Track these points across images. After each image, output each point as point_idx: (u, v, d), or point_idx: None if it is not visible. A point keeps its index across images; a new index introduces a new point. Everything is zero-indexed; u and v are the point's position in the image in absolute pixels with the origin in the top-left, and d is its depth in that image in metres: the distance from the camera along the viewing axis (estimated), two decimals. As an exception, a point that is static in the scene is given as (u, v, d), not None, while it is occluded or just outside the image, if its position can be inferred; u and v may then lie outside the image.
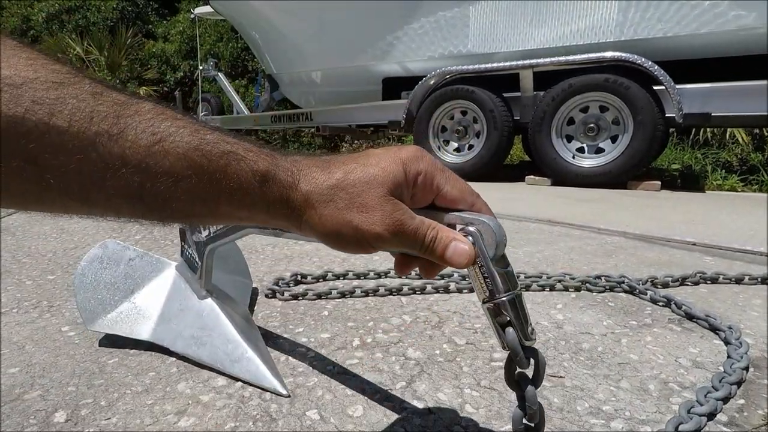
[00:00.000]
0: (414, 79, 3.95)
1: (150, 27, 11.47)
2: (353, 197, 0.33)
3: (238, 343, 0.70)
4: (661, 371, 0.72)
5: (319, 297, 1.02)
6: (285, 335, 0.85)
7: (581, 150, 3.39)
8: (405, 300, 1.02)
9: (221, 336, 0.72)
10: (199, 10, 6.63)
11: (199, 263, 0.76)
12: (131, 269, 0.84)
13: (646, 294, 1.02)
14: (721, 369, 0.70)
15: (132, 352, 0.77)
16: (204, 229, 0.73)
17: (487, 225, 0.36)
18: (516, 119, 3.66)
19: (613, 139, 3.28)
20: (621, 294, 1.07)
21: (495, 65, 3.59)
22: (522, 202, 2.66)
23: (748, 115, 2.98)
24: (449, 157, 3.93)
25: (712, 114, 3.01)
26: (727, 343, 0.78)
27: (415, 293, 1.05)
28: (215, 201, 0.32)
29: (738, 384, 0.66)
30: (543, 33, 3.51)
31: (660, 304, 0.98)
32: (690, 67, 3.10)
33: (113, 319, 0.78)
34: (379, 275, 1.17)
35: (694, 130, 5.17)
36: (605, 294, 1.07)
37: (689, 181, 4.09)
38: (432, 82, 3.85)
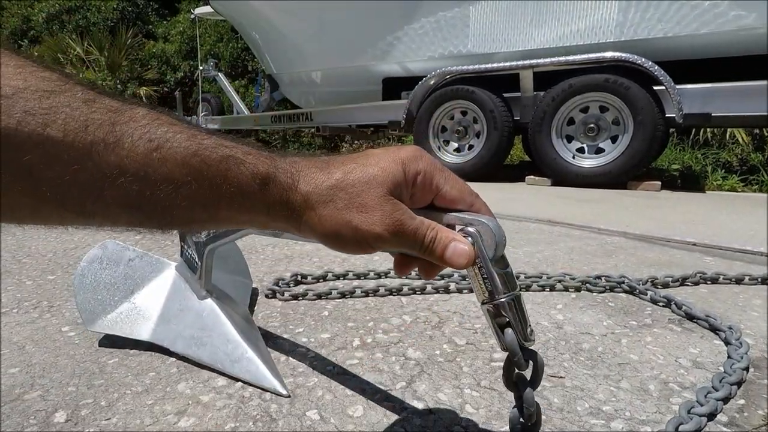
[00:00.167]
0: (414, 79, 3.95)
1: (150, 27, 11.47)
2: (353, 197, 0.33)
3: (238, 344, 0.70)
4: (662, 371, 0.72)
5: (320, 297, 1.02)
6: (285, 335, 0.85)
7: (581, 150, 3.40)
8: (405, 300, 1.02)
9: (221, 336, 0.72)
10: (199, 10, 6.63)
11: (199, 263, 0.76)
12: (131, 270, 0.84)
13: (646, 294, 1.02)
14: (722, 369, 0.70)
15: (132, 352, 0.77)
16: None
17: (487, 225, 0.36)
18: (516, 119, 3.67)
19: (613, 140, 3.28)
20: (621, 294, 1.07)
21: (495, 65, 3.59)
22: (522, 202, 2.66)
23: (748, 116, 2.98)
24: (449, 158, 3.93)
25: (712, 114, 3.01)
26: (728, 344, 0.78)
27: (416, 293, 1.05)
28: (215, 206, 0.31)
29: (738, 384, 0.66)
30: (543, 33, 3.51)
31: (660, 304, 0.98)
32: (690, 68, 3.11)
33: (113, 320, 0.78)
34: (379, 275, 1.17)
35: (694, 130, 5.17)
36: (605, 294, 1.07)
37: (689, 182, 4.09)
38: (432, 82, 3.85)
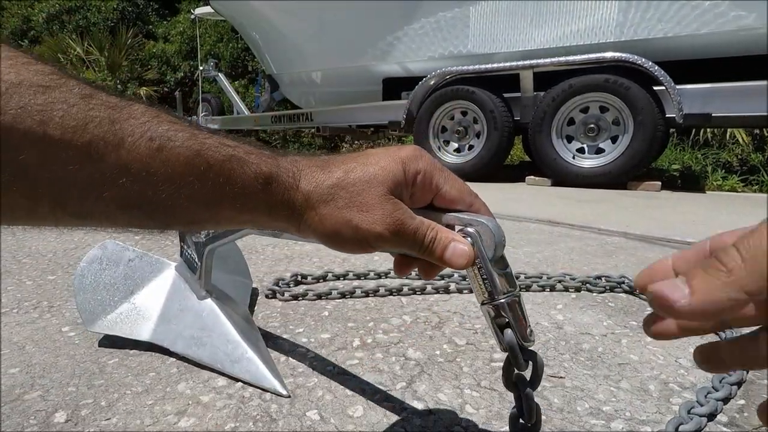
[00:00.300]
0: (414, 80, 3.95)
1: (150, 27, 11.48)
2: (353, 196, 0.33)
3: (238, 344, 0.70)
4: (662, 372, 0.72)
5: (320, 297, 1.02)
6: (285, 336, 0.85)
7: (581, 150, 3.39)
8: (405, 300, 1.02)
9: (221, 336, 0.72)
10: (200, 10, 6.63)
11: (199, 263, 0.76)
12: (131, 270, 0.84)
13: (646, 294, 1.02)
14: (722, 369, 0.70)
15: (132, 352, 0.77)
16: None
17: (486, 226, 0.36)
18: (516, 120, 3.67)
19: (614, 140, 3.28)
20: (621, 294, 1.07)
21: (495, 65, 3.59)
22: (522, 202, 2.66)
23: (748, 116, 2.98)
24: (449, 158, 3.93)
25: (712, 114, 3.01)
26: (728, 344, 0.78)
27: (416, 293, 1.05)
28: (217, 206, 0.31)
29: (738, 384, 0.66)
30: (543, 33, 3.51)
31: (660, 304, 0.98)
32: (690, 68, 3.11)
33: (113, 320, 0.78)
34: (379, 276, 1.17)
35: (694, 130, 5.17)
36: (605, 294, 1.07)
37: (689, 182, 4.09)
38: (432, 82, 3.85)
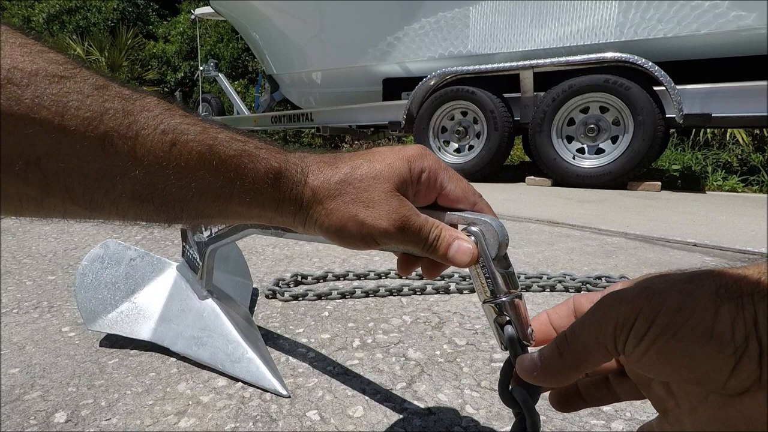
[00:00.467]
0: (414, 80, 3.95)
1: (150, 28, 11.49)
2: (359, 192, 0.33)
3: (238, 344, 0.70)
4: (662, 372, 0.72)
5: (320, 297, 1.02)
6: (285, 336, 0.85)
7: (581, 151, 3.40)
8: (405, 300, 1.02)
9: (222, 336, 0.72)
10: (200, 10, 6.64)
11: (201, 263, 0.76)
12: (132, 269, 0.85)
13: (646, 295, 1.02)
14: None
15: (132, 352, 0.77)
16: (206, 230, 0.73)
17: (490, 225, 0.36)
18: (516, 120, 3.67)
19: (614, 140, 3.28)
20: (621, 295, 1.07)
21: (495, 66, 3.59)
22: (522, 202, 2.66)
23: (748, 116, 2.98)
24: (449, 158, 3.93)
25: (712, 114, 3.01)
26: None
27: (416, 294, 1.05)
28: (227, 200, 0.31)
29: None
30: (543, 34, 3.51)
31: (660, 304, 0.98)
32: (690, 68, 3.11)
33: (114, 319, 0.78)
34: (380, 276, 1.17)
35: (694, 130, 5.17)
36: (605, 295, 1.07)
37: (689, 182, 4.08)
38: (432, 82, 3.85)
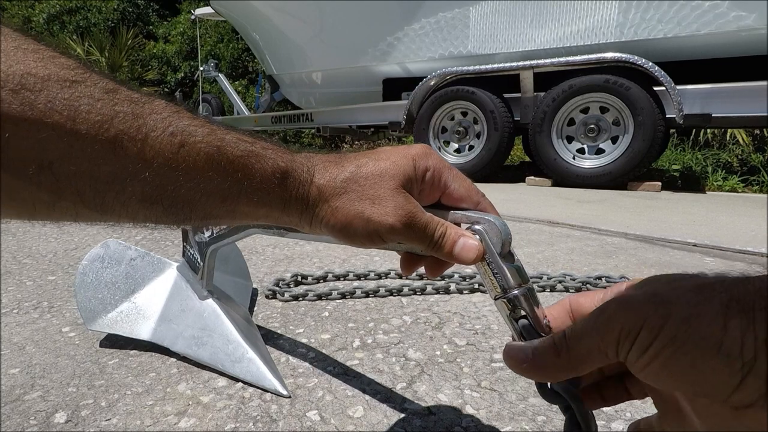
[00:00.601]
0: (414, 80, 3.95)
1: (151, 28, 11.49)
2: (365, 189, 0.34)
3: (238, 344, 0.70)
4: (662, 372, 0.72)
5: (320, 298, 1.02)
6: (285, 336, 0.85)
7: (582, 151, 3.40)
8: (405, 301, 1.02)
9: (222, 336, 0.72)
10: (200, 11, 6.64)
11: (201, 263, 0.76)
12: (132, 269, 0.85)
13: (646, 295, 1.02)
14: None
15: (132, 352, 0.77)
16: (207, 230, 0.73)
17: (493, 224, 0.36)
18: (516, 120, 3.67)
19: (614, 140, 3.28)
20: (621, 295, 1.07)
21: (495, 66, 3.59)
22: (522, 202, 2.66)
23: (748, 116, 2.98)
24: (450, 158, 3.93)
25: (712, 115, 3.01)
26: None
27: (416, 294, 1.05)
28: (235, 201, 0.31)
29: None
30: (543, 34, 3.51)
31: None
32: (690, 68, 3.11)
33: (113, 319, 0.78)
34: (380, 276, 1.17)
35: (694, 131, 5.17)
36: (606, 295, 1.07)
37: (690, 182, 4.09)
38: (432, 82, 3.85)
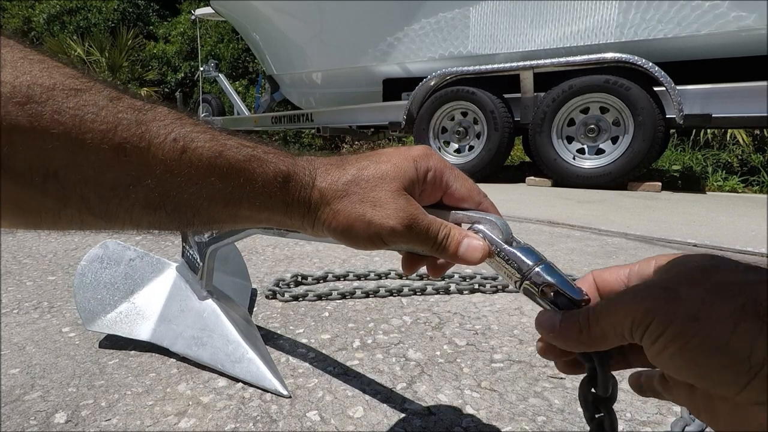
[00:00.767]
0: (414, 80, 3.95)
1: (151, 28, 11.49)
2: (366, 192, 0.34)
3: (238, 344, 0.70)
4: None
5: (320, 298, 1.02)
6: (285, 336, 0.85)
7: (582, 151, 3.39)
8: (405, 301, 1.02)
9: (222, 336, 0.72)
10: (200, 11, 6.64)
11: (201, 264, 0.76)
12: (131, 269, 0.85)
13: (646, 295, 1.02)
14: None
15: (132, 353, 0.77)
16: (205, 230, 0.73)
17: (494, 223, 0.36)
18: (516, 120, 3.67)
19: (614, 140, 3.28)
20: (622, 295, 1.07)
21: (495, 66, 3.59)
22: (522, 203, 2.65)
23: (748, 116, 2.98)
24: (450, 158, 3.93)
25: (712, 115, 3.01)
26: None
27: (416, 294, 1.05)
28: (237, 205, 0.31)
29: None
30: (543, 34, 3.51)
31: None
32: (690, 69, 3.11)
33: (113, 320, 0.78)
34: (380, 276, 1.17)
35: (694, 131, 5.17)
36: (606, 295, 1.07)
37: (690, 182, 4.08)
38: (432, 83, 3.85)
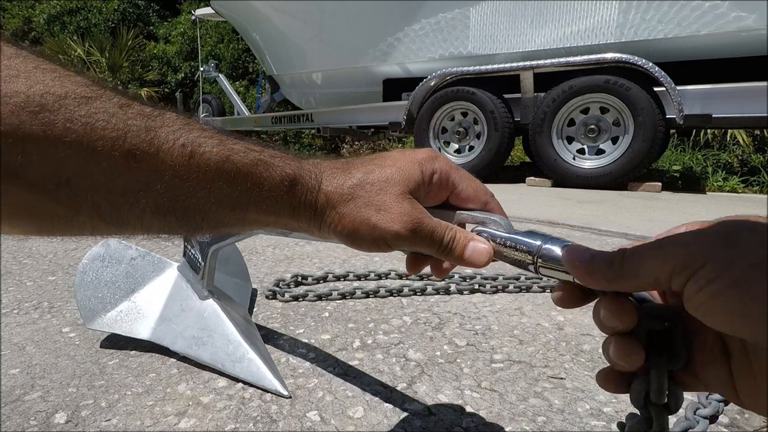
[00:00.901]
0: (414, 81, 3.95)
1: (151, 28, 11.48)
2: (372, 196, 0.34)
3: (239, 344, 0.70)
4: (663, 373, 0.72)
5: (320, 298, 1.02)
6: (285, 336, 0.85)
7: (582, 151, 3.39)
8: (405, 301, 1.02)
9: (222, 336, 0.72)
10: (200, 11, 6.63)
11: (203, 263, 0.76)
12: (133, 268, 0.85)
13: (647, 295, 1.02)
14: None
15: (132, 353, 0.77)
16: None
17: (499, 224, 0.36)
18: (516, 120, 3.67)
19: (614, 141, 3.28)
20: (622, 295, 1.06)
21: (495, 66, 3.59)
22: (522, 203, 2.65)
23: (748, 117, 2.98)
24: (449, 159, 3.91)
25: (712, 115, 3.01)
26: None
27: (416, 294, 1.05)
28: (245, 209, 0.32)
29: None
30: (543, 34, 3.51)
31: (661, 305, 0.98)
32: (691, 69, 3.11)
33: (113, 318, 0.78)
34: (380, 276, 1.17)
35: (694, 131, 5.17)
36: (606, 295, 1.07)
37: (690, 183, 4.09)
38: (432, 83, 3.85)
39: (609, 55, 3.17)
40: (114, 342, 0.80)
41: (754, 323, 0.21)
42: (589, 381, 0.69)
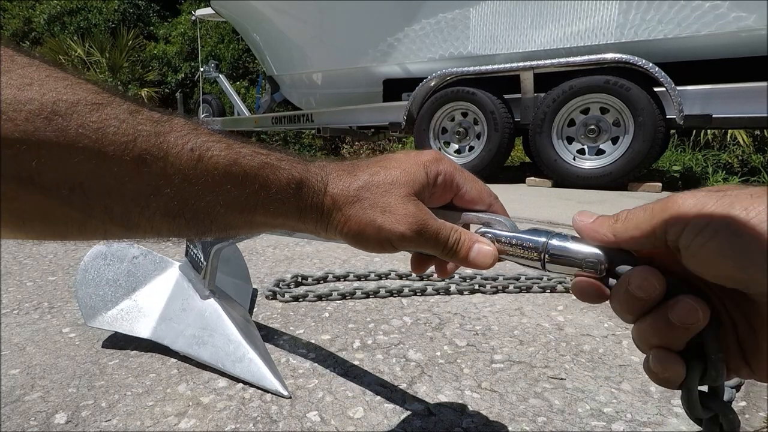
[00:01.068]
0: (415, 81, 3.95)
1: (151, 29, 11.49)
2: (377, 198, 0.34)
3: (239, 344, 0.70)
4: (663, 373, 0.72)
5: (320, 298, 1.02)
6: (286, 337, 0.85)
7: (582, 152, 3.39)
8: (405, 301, 1.02)
9: (223, 336, 0.72)
10: (201, 11, 6.64)
11: (205, 263, 0.76)
12: (134, 267, 0.85)
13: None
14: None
15: (133, 353, 0.77)
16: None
17: (504, 224, 0.37)
18: (517, 121, 3.67)
19: (614, 141, 3.28)
20: (622, 296, 1.06)
21: (496, 67, 3.59)
22: (523, 203, 2.65)
23: (748, 117, 2.98)
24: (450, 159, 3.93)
25: (712, 115, 3.01)
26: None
27: (416, 295, 1.05)
28: (252, 211, 0.32)
29: (737, 387, 0.66)
30: (544, 35, 3.51)
31: (661, 305, 0.98)
32: (691, 69, 3.11)
33: (113, 316, 0.78)
34: (380, 277, 1.17)
35: (694, 131, 5.16)
36: (606, 296, 1.07)
37: (690, 183, 4.08)
38: (433, 83, 3.85)
39: (609, 56, 3.16)
40: (114, 342, 0.80)
41: (748, 266, 0.22)
42: (589, 381, 0.69)
